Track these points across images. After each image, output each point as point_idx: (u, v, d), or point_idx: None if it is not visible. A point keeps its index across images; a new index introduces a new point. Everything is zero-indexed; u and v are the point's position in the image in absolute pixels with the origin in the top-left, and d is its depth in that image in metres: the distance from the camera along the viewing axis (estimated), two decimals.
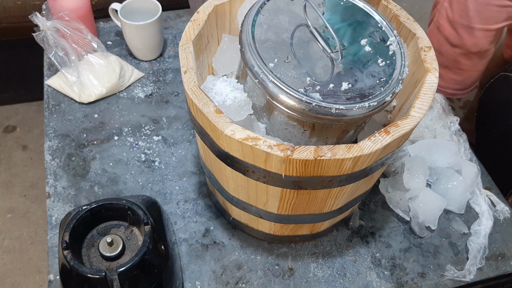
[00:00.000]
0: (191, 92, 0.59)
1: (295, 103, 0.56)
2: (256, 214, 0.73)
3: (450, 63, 1.26)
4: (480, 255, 0.82)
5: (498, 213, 0.89)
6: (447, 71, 1.29)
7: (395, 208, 0.87)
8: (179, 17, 1.21)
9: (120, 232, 0.67)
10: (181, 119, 0.99)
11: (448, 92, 1.35)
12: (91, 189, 0.87)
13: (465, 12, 1.15)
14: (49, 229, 0.82)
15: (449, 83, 1.32)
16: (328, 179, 0.59)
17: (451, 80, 1.31)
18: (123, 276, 0.60)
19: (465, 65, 1.26)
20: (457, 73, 1.29)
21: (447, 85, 1.32)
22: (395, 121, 0.58)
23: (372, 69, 0.62)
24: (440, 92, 1.36)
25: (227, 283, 0.78)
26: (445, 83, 1.31)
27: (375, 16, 0.67)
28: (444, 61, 1.27)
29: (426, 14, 2.15)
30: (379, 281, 0.80)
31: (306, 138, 0.64)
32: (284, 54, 0.61)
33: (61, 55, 0.98)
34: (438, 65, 0.65)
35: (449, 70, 1.28)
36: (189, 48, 0.64)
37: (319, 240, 0.84)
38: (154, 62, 1.10)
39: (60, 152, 0.92)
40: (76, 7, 1.00)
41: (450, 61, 1.26)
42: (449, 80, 1.31)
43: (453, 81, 1.32)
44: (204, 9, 0.69)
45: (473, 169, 0.89)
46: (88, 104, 1.00)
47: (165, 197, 0.87)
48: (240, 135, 0.55)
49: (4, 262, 1.40)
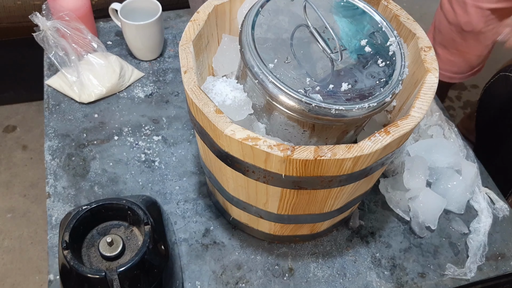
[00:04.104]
0: (191, 92, 0.59)
1: (295, 103, 0.56)
2: (256, 214, 0.73)
3: (447, 42, 1.29)
4: (480, 252, 0.82)
5: (497, 211, 0.89)
6: (445, 52, 1.31)
7: (395, 208, 0.87)
8: (179, 17, 1.21)
9: (120, 232, 0.67)
10: (181, 119, 0.99)
11: (446, 75, 1.36)
12: (91, 189, 0.87)
13: None
14: (49, 229, 0.82)
15: (446, 65, 1.33)
16: (328, 179, 0.59)
17: (448, 61, 1.33)
18: (123, 276, 0.60)
19: (461, 45, 1.27)
20: (454, 54, 1.31)
21: (444, 67, 1.33)
22: (395, 121, 0.58)
23: (372, 70, 0.62)
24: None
25: (227, 283, 0.78)
26: (442, 65, 1.33)
27: (375, 16, 0.67)
28: (443, 40, 1.30)
29: (426, 14, 2.15)
30: (379, 281, 0.80)
31: (306, 139, 0.64)
32: (284, 54, 0.61)
33: (61, 55, 0.98)
34: (438, 65, 0.65)
35: (447, 50, 1.30)
36: (189, 48, 0.64)
37: (319, 240, 0.84)
38: (154, 62, 1.10)
39: (60, 152, 0.92)
40: (76, 7, 1.00)
41: (447, 40, 1.28)
42: (446, 62, 1.33)
43: (450, 63, 1.33)
44: (204, 9, 0.69)
45: (473, 169, 0.89)
46: (88, 104, 1.00)
47: (165, 197, 0.87)
48: (240, 135, 0.55)
49: (4, 262, 1.41)
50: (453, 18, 1.23)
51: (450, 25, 1.25)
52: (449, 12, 1.24)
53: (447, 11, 1.24)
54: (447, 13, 1.24)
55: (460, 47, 1.28)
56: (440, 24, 1.29)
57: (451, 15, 1.23)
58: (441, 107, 1.02)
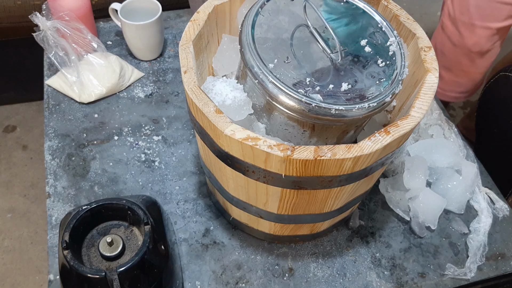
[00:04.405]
0: (191, 92, 0.59)
1: (295, 103, 0.56)
2: (256, 214, 0.73)
3: (452, 64, 1.26)
4: (480, 252, 0.82)
5: (497, 211, 0.89)
6: (450, 74, 1.28)
7: (395, 208, 0.87)
8: (179, 17, 1.21)
9: (120, 232, 0.67)
10: (181, 119, 0.99)
11: (452, 96, 1.34)
12: (91, 189, 0.87)
13: (466, 8, 1.15)
14: (49, 229, 0.82)
15: (452, 86, 1.31)
16: (328, 179, 0.59)
17: (454, 83, 1.30)
18: (123, 276, 0.60)
19: (467, 66, 1.25)
20: (459, 75, 1.28)
21: (450, 88, 1.31)
22: (395, 121, 0.58)
23: (372, 70, 0.62)
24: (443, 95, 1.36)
25: (227, 283, 0.78)
26: (448, 86, 1.30)
27: (375, 16, 0.67)
28: (447, 62, 1.27)
29: (426, 14, 2.15)
30: (379, 281, 0.80)
31: (306, 139, 0.64)
32: (284, 54, 0.61)
33: (61, 55, 0.98)
34: (438, 65, 0.65)
35: (452, 72, 1.28)
36: (189, 48, 0.64)
37: (319, 240, 0.84)
38: (154, 62, 1.10)
39: (60, 152, 0.92)
40: (76, 7, 1.00)
41: (452, 62, 1.25)
42: (452, 83, 1.30)
43: (456, 84, 1.31)
44: (204, 9, 0.69)
45: (473, 169, 0.89)
46: (88, 104, 1.00)
47: (165, 197, 0.87)
48: (240, 135, 0.55)
49: (4, 262, 1.40)
50: (459, 40, 1.20)
51: (455, 47, 1.22)
52: (454, 34, 1.20)
53: (451, 33, 1.20)
54: (451, 35, 1.21)
55: (466, 67, 1.25)
56: (443, 47, 1.25)
57: (456, 37, 1.20)
58: (441, 106, 1.02)
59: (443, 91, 1.34)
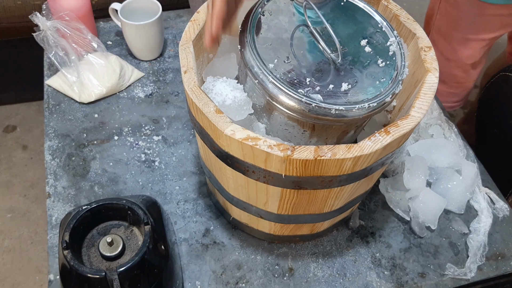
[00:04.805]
0: (191, 92, 0.59)
1: (295, 104, 0.56)
2: (256, 214, 0.73)
3: (446, 77, 1.26)
4: (480, 252, 0.82)
5: (497, 211, 0.89)
6: (445, 86, 1.29)
7: (395, 208, 0.87)
8: (179, 17, 1.21)
9: (120, 232, 0.67)
10: (181, 119, 0.99)
11: (447, 106, 1.36)
12: (91, 189, 0.87)
13: (457, 24, 1.15)
14: (49, 229, 0.82)
15: (447, 97, 1.32)
16: (328, 179, 0.59)
17: (449, 94, 1.32)
18: (123, 276, 0.60)
19: (461, 78, 1.26)
20: (454, 87, 1.29)
21: (445, 99, 1.32)
22: (395, 121, 0.58)
23: (372, 70, 0.62)
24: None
25: (227, 283, 0.78)
26: (443, 98, 1.31)
27: (375, 16, 0.67)
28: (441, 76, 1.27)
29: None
30: (379, 281, 0.80)
31: (306, 139, 0.64)
32: (284, 54, 0.61)
33: (61, 55, 0.98)
34: (438, 65, 0.65)
35: (446, 84, 1.29)
36: (189, 48, 0.64)
37: (319, 240, 0.84)
38: (154, 62, 1.10)
39: (60, 152, 0.92)
40: (76, 7, 1.00)
41: (446, 75, 1.26)
42: (447, 95, 1.32)
43: (451, 95, 1.32)
44: (204, 9, 0.69)
45: (473, 169, 0.89)
46: (88, 104, 1.00)
47: (165, 197, 0.87)
48: (240, 135, 0.55)
49: (4, 262, 1.41)
50: (452, 54, 1.20)
51: (448, 61, 1.22)
52: (446, 50, 1.20)
53: (443, 49, 1.21)
54: (443, 51, 1.21)
55: (460, 79, 1.26)
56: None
57: (448, 52, 1.20)
58: (441, 106, 1.02)
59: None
